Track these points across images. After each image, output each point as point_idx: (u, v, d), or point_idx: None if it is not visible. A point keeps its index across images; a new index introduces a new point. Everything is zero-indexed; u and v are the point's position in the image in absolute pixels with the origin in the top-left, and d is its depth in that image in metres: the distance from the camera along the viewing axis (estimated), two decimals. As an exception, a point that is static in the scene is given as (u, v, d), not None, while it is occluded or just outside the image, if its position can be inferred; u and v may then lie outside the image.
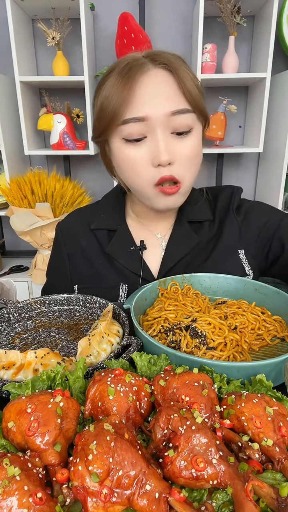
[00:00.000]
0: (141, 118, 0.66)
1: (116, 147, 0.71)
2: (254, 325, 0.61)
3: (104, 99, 0.68)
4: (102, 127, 0.71)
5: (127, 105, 0.66)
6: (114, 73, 0.68)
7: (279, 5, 1.79)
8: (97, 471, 0.31)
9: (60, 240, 0.90)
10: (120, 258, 0.83)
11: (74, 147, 1.97)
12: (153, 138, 0.67)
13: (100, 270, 0.85)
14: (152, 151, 0.68)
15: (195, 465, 0.33)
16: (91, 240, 0.87)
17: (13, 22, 1.75)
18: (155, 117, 0.66)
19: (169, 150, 0.67)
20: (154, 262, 0.85)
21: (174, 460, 0.33)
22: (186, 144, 0.69)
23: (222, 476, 0.33)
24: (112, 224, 0.87)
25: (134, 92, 0.66)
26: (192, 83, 0.68)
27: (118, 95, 0.66)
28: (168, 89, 0.66)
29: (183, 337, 0.56)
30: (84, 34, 1.76)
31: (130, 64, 0.67)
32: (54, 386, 0.44)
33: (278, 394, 0.43)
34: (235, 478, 0.32)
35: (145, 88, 0.66)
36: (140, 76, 0.66)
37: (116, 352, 0.54)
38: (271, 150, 2.02)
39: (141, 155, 0.69)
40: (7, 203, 2.04)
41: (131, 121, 0.66)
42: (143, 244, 0.84)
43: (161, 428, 0.36)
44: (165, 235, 0.87)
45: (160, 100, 0.66)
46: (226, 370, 0.47)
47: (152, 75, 0.67)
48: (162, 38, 2.06)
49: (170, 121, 0.67)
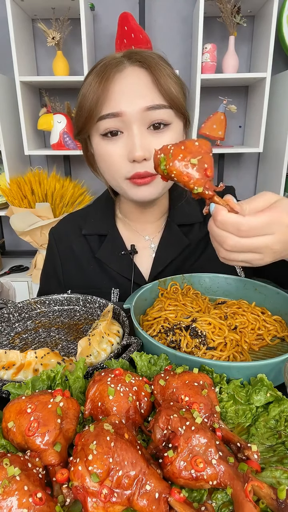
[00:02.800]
0: (116, 113, 0.67)
1: (95, 143, 0.73)
2: (254, 325, 0.61)
3: (82, 97, 0.70)
4: (81, 124, 0.73)
5: (103, 102, 0.67)
6: (93, 72, 0.70)
7: (279, 5, 1.79)
8: (97, 471, 0.31)
9: (53, 246, 0.91)
10: (111, 263, 0.84)
11: (74, 147, 1.97)
12: (129, 134, 0.69)
13: (91, 275, 0.85)
14: (127, 146, 0.69)
15: (195, 465, 0.33)
16: (83, 245, 0.88)
17: (13, 22, 1.75)
18: (130, 112, 0.67)
19: (144, 146, 0.68)
20: (145, 265, 0.85)
21: (174, 460, 0.33)
22: (162, 140, 0.70)
23: (221, 477, 0.33)
24: (103, 228, 0.87)
25: (108, 90, 0.67)
26: (170, 80, 0.68)
27: (94, 92, 0.67)
28: (142, 85, 0.67)
29: (183, 337, 0.56)
30: (84, 34, 1.76)
31: (106, 63, 0.69)
32: (54, 386, 0.44)
33: (279, 394, 0.43)
34: (235, 478, 0.32)
35: (120, 85, 0.67)
36: (115, 74, 0.68)
37: (116, 352, 0.54)
38: (271, 150, 2.02)
39: (117, 150, 0.70)
40: (7, 203, 2.04)
41: (107, 117, 0.68)
42: (133, 248, 0.85)
43: (161, 428, 0.36)
44: (154, 238, 0.87)
45: (135, 96, 0.67)
46: (226, 370, 0.47)
47: (127, 72, 0.68)
48: (162, 38, 2.06)
49: (145, 116, 0.68)
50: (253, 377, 0.46)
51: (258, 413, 0.43)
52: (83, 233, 0.87)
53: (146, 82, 0.68)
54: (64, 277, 0.89)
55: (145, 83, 0.68)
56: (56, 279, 0.90)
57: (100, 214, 0.89)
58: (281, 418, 0.42)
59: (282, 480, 0.34)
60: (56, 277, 0.90)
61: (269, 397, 0.43)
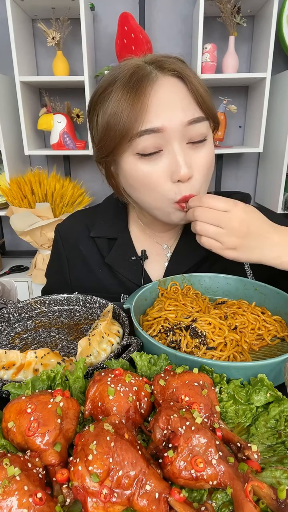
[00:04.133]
0: (157, 129, 0.62)
1: (128, 164, 0.66)
2: (254, 325, 0.61)
3: (112, 116, 0.63)
4: (111, 145, 0.66)
5: (141, 118, 0.61)
6: (117, 86, 0.63)
7: (279, 5, 1.79)
8: (97, 471, 0.31)
9: (59, 243, 0.89)
10: (121, 268, 0.81)
11: (74, 147, 1.97)
12: (170, 151, 0.64)
13: (101, 279, 0.83)
14: (170, 165, 0.64)
15: (195, 465, 0.33)
16: (91, 247, 0.85)
17: (13, 22, 1.75)
18: (171, 128, 0.62)
19: (188, 164, 0.64)
20: (157, 271, 0.83)
21: (174, 460, 0.33)
22: (202, 154, 0.66)
23: (221, 477, 0.33)
24: (113, 232, 0.84)
25: (146, 104, 0.61)
26: (202, 88, 0.65)
27: (128, 109, 0.61)
28: (181, 97, 0.63)
29: (183, 337, 0.56)
30: (84, 34, 1.76)
31: (136, 75, 0.62)
32: (54, 386, 0.44)
33: (279, 394, 0.43)
34: (235, 478, 0.32)
35: (158, 98, 0.62)
36: (149, 86, 0.62)
37: (116, 352, 0.54)
38: (271, 150, 2.02)
39: (158, 170, 0.64)
40: (7, 203, 2.04)
41: (145, 133, 0.62)
42: (144, 253, 0.82)
43: (161, 428, 0.36)
44: (171, 246, 0.85)
45: (175, 109, 0.62)
46: (226, 370, 0.47)
47: (162, 84, 0.63)
48: (162, 38, 2.06)
49: (186, 131, 0.63)
50: (253, 377, 0.46)
51: (258, 413, 0.43)
52: (91, 235, 0.84)
53: (183, 93, 0.63)
54: (71, 277, 0.87)
55: (183, 94, 0.63)
56: (63, 277, 0.89)
57: (111, 217, 0.86)
58: (281, 418, 0.42)
59: (282, 480, 0.34)
60: (63, 275, 0.89)
61: (269, 397, 0.43)
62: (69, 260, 0.88)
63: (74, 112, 2.05)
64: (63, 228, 0.90)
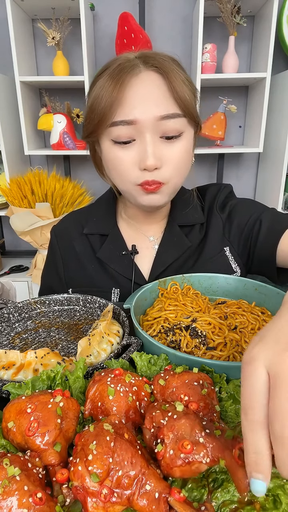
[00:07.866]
0: (130, 121, 0.65)
1: (105, 147, 0.71)
2: (254, 325, 0.61)
3: (94, 99, 0.68)
4: (91, 127, 0.70)
5: (117, 107, 0.65)
6: (105, 74, 0.67)
7: (279, 5, 1.79)
8: (97, 471, 0.31)
9: (54, 244, 0.91)
10: (112, 263, 0.84)
11: (74, 147, 1.97)
12: (142, 142, 0.67)
13: (92, 275, 0.85)
14: (139, 154, 0.68)
15: (182, 448, 0.32)
16: (84, 244, 0.87)
17: (13, 22, 1.75)
18: (144, 121, 0.65)
19: (156, 155, 0.67)
20: (147, 265, 0.85)
21: (164, 452, 0.33)
22: (174, 149, 0.69)
23: (212, 452, 0.33)
24: (104, 228, 0.87)
25: (123, 95, 0.65)
26: (185, 87, 0.67)
27: (107, 96, 0.65)
28: (158, 92, 0.65)
29: (183, 337, 0.56)
30: (84, 34, 1.76)
31: (121, 65, 0.66)
32: (54, 386, 0.44)
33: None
34: (224, 449, 0.32)
35: (135, 91, 0.65)
36: (131, 78, 0.65)
37: (116, 352, 0.54)
38: (271, 150, 2.02)
39: (128, 157, 0.68)
40: (7, 203, 2.04)
41: (119, 124, 0.66)
42: (134, 248, 0.84)
43: (148, 429, 0.36)
44: (157, 238, 0.87)
45: (150, 104, 0.65)
46: (226, 370, 0.47)
47: (142, 77, 0.66)
48: (162, 38, 2.06)
49: (159, 125, 0.66)
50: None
51: (258, 413, 0.43)
52: (84, 232, 0.87)
53: (161, 89, 0.66)
54: (65, 275, 0.89)
55: (161, 90, 0.66)
56: (58, 276, 0.90)
57: (102, 214, 0.89)
58: (281, 418, 0.41)
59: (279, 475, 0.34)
60: (57, 275, 0.90)
61: (269, 397, 0.43)
62: (64, 258, 0.89)
63: (74, 112, 2.05)
64: (58, 228, 0.92)
